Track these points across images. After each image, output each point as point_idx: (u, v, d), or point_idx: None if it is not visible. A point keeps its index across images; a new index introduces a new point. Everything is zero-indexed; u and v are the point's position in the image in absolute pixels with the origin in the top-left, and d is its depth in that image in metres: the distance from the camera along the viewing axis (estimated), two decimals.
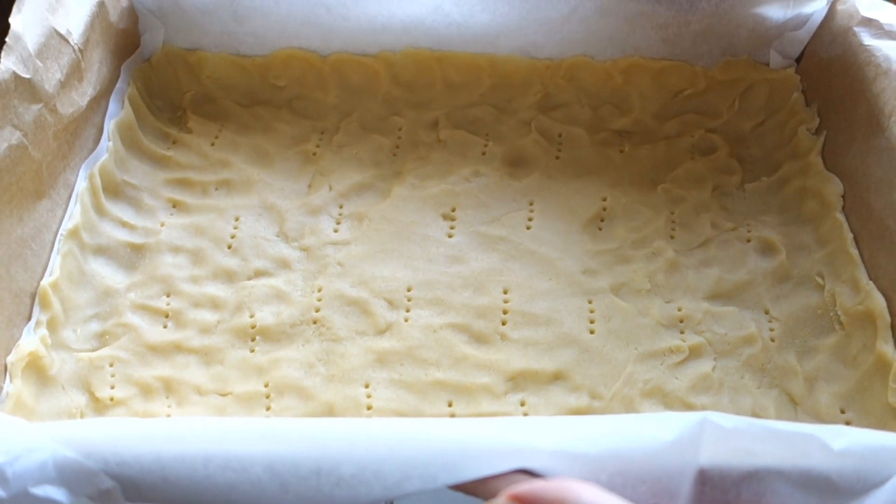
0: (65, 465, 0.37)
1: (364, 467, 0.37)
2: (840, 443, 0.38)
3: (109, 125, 0.63)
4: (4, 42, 0.52)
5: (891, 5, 0.61)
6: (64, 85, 0.57)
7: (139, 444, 0.37)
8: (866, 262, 0.57)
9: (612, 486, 0.36)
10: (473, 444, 0.37)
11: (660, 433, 0.38)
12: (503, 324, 0.56)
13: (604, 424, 0.39)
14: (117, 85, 0.66)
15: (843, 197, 0.60)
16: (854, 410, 0.52)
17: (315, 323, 0.56)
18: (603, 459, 0.37)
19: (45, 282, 0.53)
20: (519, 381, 0.54)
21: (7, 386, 0.48)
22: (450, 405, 0.52)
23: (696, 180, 0.65)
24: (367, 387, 0.53)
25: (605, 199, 0.64)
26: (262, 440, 0.38)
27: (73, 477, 0.37)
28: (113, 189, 0.62)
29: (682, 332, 0.56)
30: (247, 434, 0.38)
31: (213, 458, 0.37)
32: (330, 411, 0.52)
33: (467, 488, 0.37)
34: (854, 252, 0.57)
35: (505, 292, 0.58)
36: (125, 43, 0.68)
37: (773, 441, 0.38)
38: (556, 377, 0.54)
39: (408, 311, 0.57)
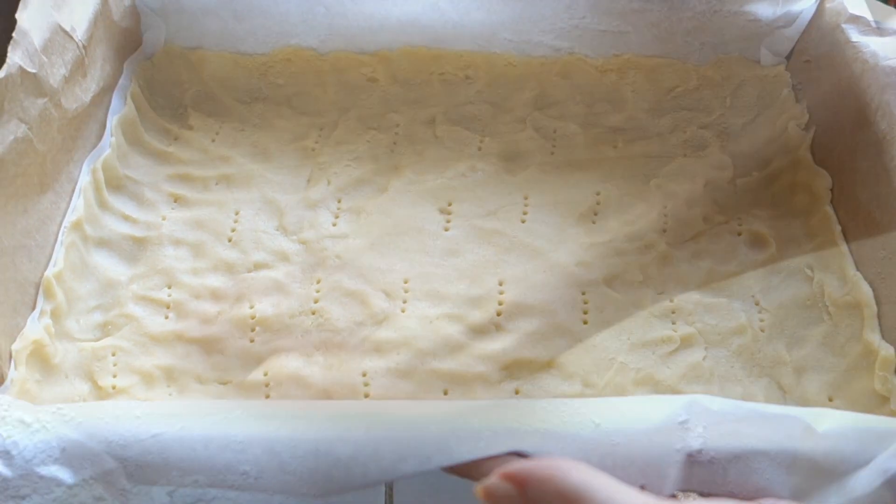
0: (69, 445, 0.38)
1: (360, 449, 0.38)
2: (824, 425, 0.39)
3: (112, 121, 0.64)
4: (11, 38, 0.53)
5: (877, 2, 0.62)
6: (68, 80, 0.58)
7: (141, 426, 0.39)
8: (854, 253, 0.58)
9: (603, 466, 0.36)
10: (467, 427, 0.38)
11: (649, 415, 0.39)
12: (498, 314, 0.57)
13: (594, 406, 0.40)
14: (120, 82, 0.67)
15: (831, 190, 0.61)
16: (841, 398, 0.53)
17: (314, 314, 0.57)
18: (593, 441, 0.38)
19: (49, 272, 0.54)
20: (513, 369, 0.54)
21: (12, 373, 0.49)
22: (445, 393, 0.53)
23: (688, 175, 0.66)
24: (364, 375, 0.54)
25: (598, 194, 0.65)
26: (261, 421, 0.39)
27: (76, 457, 0.38)
28: (115, 183, 0.63)
29: (673, 323, 0.57)
30: (246, 415, 0.39)
31: (213, 439, 0.38)
32: (328, 400, 0.53)
33: (461, 470, 0.38)
34: (842, 244, 0.58)
35: (500, 284, 0.59)
36: (128, 41, 0.69)
37: (760, 423, 0.39)
38: (550, 366, 0.54)
39: (405, 302, 0.58)
